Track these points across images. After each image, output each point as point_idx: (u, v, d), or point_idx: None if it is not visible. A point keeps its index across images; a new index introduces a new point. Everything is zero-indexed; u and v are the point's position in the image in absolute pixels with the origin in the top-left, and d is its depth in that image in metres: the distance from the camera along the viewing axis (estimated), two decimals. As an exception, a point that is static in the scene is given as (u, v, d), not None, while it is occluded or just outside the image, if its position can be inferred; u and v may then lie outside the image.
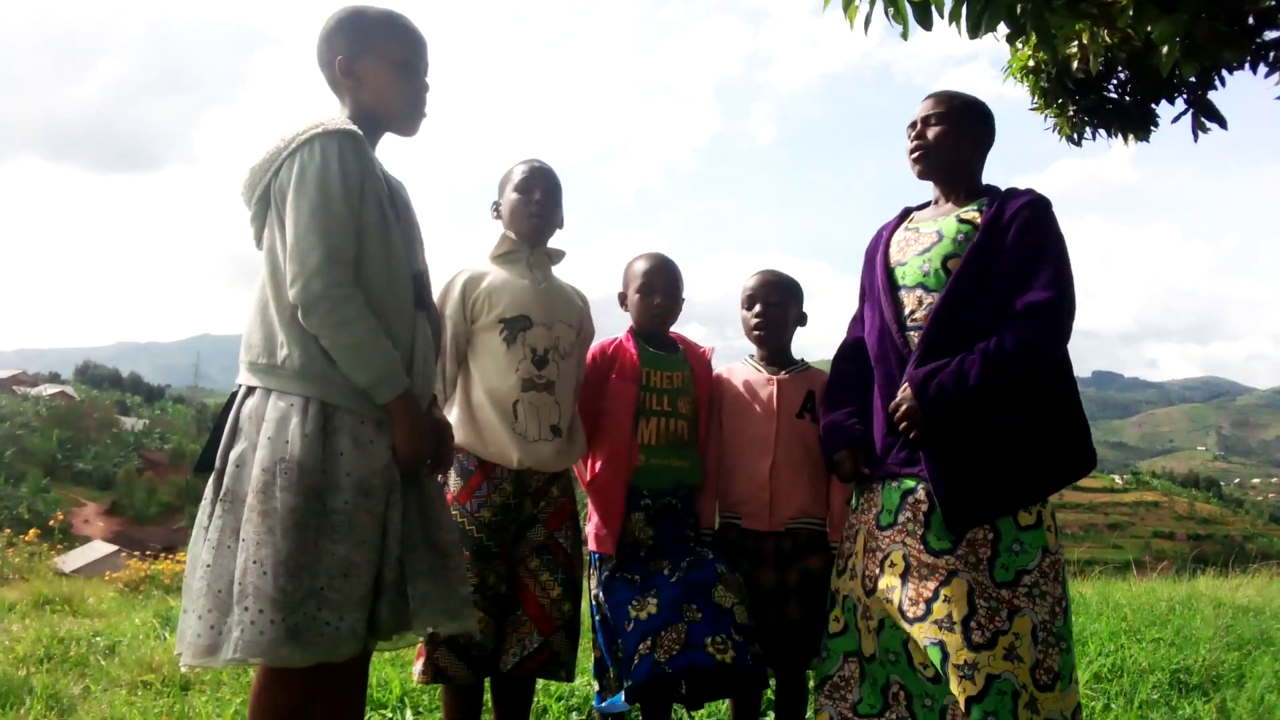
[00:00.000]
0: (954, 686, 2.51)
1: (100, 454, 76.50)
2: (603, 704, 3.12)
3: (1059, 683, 2.58)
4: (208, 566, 2.19)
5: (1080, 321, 2.69)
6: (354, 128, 2.34)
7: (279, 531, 2.12)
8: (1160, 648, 5.15)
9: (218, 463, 2.28)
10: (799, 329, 3.44)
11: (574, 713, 3.71)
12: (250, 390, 2.30)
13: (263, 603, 2.10)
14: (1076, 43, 3.55)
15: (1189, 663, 4.79)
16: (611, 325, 3.38)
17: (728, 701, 3.33)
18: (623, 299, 3.37)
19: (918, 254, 2.81)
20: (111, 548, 35.34)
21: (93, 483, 73.14)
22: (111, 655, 4.98)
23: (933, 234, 2.81)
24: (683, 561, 3.04)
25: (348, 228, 2.26)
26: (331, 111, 2.47)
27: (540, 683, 3.47)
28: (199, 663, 2.16)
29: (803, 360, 3.41)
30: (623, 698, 2.97)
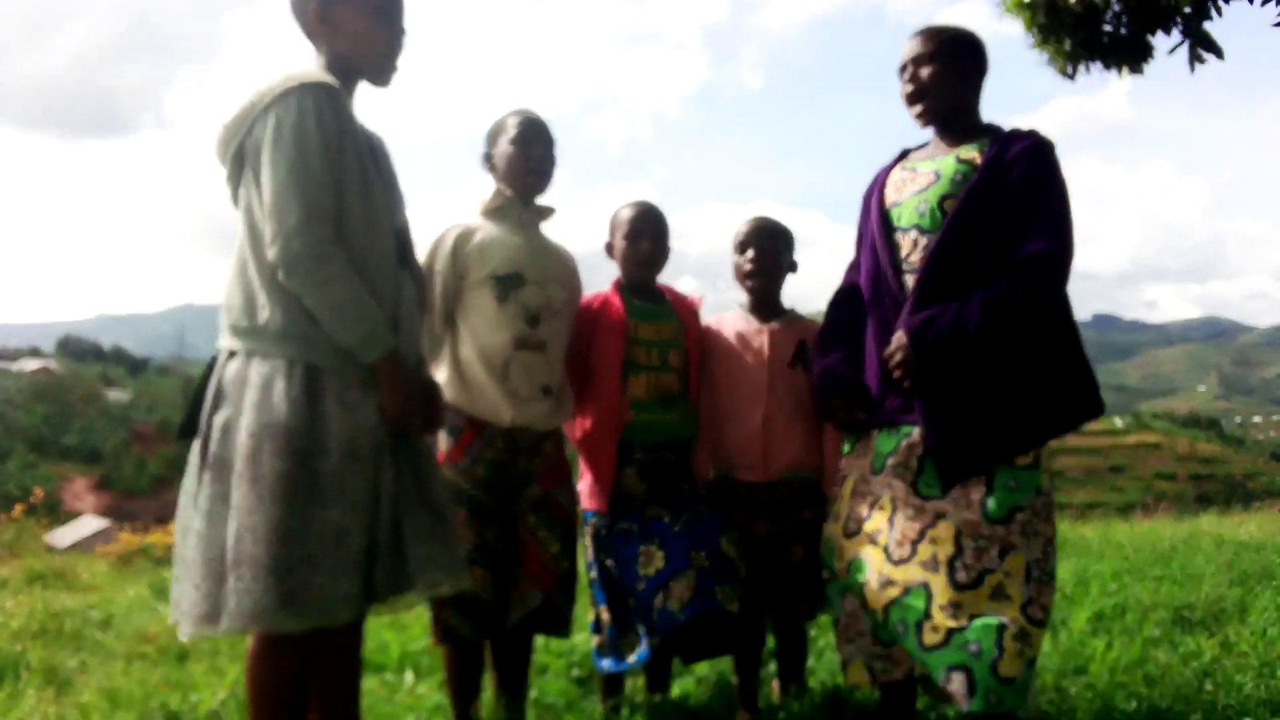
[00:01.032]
0: (937, 621, 2.48)
1: (86, 428, 76.45)
2: (603, 662, 3.09)
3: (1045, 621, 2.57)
4: (200, 534, 2.15)
5: (1079, 264, 2.65)
6: (330, 80, 2.27)
7: (269, 498, 2.09)
8: (1163, 585, 5.17)
9: (201, 428, 2.23)
10: (790, 275, 3.40)
11: (574, 669, 3.70)
12: (232, 353, 2.25)
13: (257, 570, 2.07)
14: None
15: (1191, 599, 4.81)
16: (602, 281, 3.33)
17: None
18: (609, 248, 3.31)
19: (914, 194, 2.74)
20: (104, 522, 35.33)
21: (80, 457, 73.15)
22: (107, 628, 4.97)
23: (930, 174, 2.73)
24: (683, 514, 3.02)
25: (327, 184, 2.20)
26: (307, 63, 2.39)
27: (540, 641, 3.46)
28: (198, 631, 2.13)
29: (793, 310, 3.37)
30: (646, 655, 2.93)
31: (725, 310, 3.44)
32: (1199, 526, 7.83)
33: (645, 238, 3.21)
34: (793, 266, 3.38)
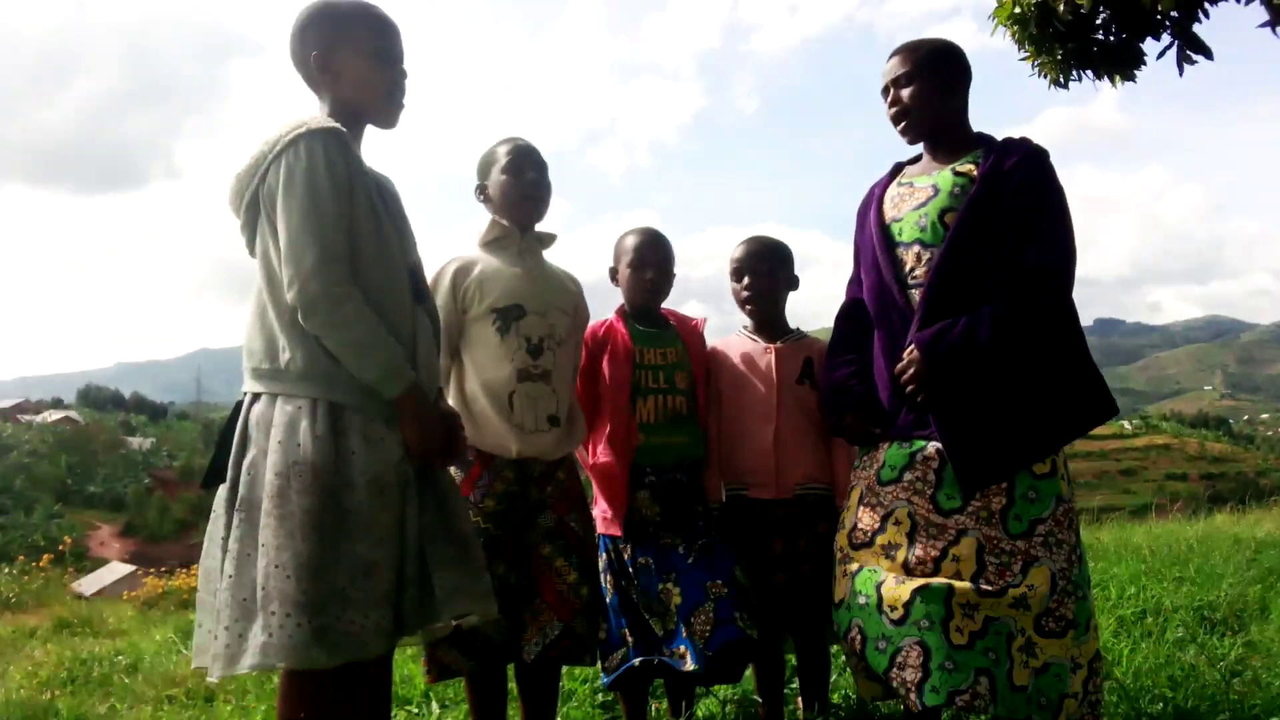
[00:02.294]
0: (959, 621, 2.48)
1: (110, 476, 76.57)
2: (605, 679, 3.10)
3: (1072, 630, 2.56)
4: (231, 578, 2.17)
5: (1080, 270, 2.68)
6: (337, 125, 2.32)
7: (299, 534, 2.12)
8: (1183, 586, 5.13)
9: (230, 472, 2.27)
10: (792, 293, 3.42)
11: (599, 694, 3.70)
12: (256, 397, 2.29)
13: (289, 606, 2.09)
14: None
15: (1212, 599, 4.78)
16: (608, 309, 3.35)
17: (750, 672, 3.32)
18: (614, 274, 3.34)
19: (913, 209, 2.76)
20: (129, 568, 35.38)
21: (105, 505, 73.20)
22: (134, 673, 5.00)
23: (928, 188, 2.76)
24: (696, 542, 3.05)
25: (341, 226, 2.25)
26: (312, 110, 2.44)
27: (564, 666, 3.47)
28: (230, 671, 2.14)
29: (798, 329, 3.40)
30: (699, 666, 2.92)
31: (731, 332, 3.47)
32: (1215, 526, 7.74)
33: (649, 266, 3.24)
34: (793, 284, 3.40)
